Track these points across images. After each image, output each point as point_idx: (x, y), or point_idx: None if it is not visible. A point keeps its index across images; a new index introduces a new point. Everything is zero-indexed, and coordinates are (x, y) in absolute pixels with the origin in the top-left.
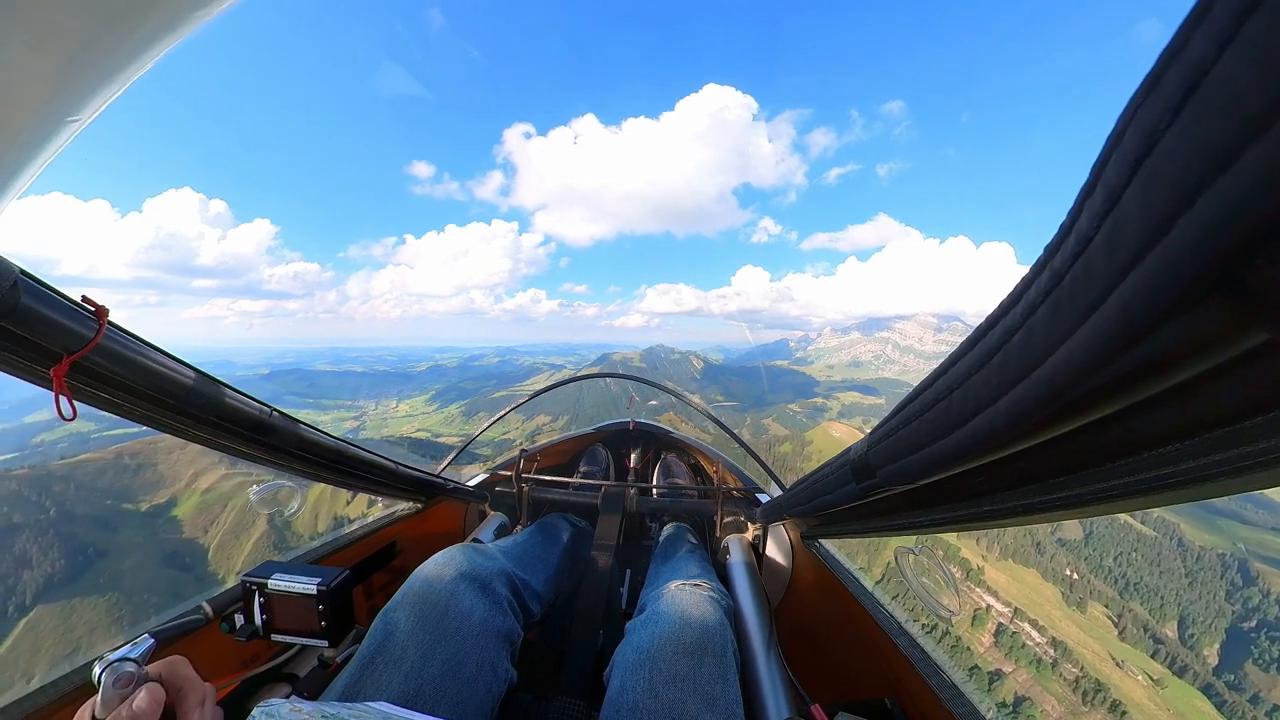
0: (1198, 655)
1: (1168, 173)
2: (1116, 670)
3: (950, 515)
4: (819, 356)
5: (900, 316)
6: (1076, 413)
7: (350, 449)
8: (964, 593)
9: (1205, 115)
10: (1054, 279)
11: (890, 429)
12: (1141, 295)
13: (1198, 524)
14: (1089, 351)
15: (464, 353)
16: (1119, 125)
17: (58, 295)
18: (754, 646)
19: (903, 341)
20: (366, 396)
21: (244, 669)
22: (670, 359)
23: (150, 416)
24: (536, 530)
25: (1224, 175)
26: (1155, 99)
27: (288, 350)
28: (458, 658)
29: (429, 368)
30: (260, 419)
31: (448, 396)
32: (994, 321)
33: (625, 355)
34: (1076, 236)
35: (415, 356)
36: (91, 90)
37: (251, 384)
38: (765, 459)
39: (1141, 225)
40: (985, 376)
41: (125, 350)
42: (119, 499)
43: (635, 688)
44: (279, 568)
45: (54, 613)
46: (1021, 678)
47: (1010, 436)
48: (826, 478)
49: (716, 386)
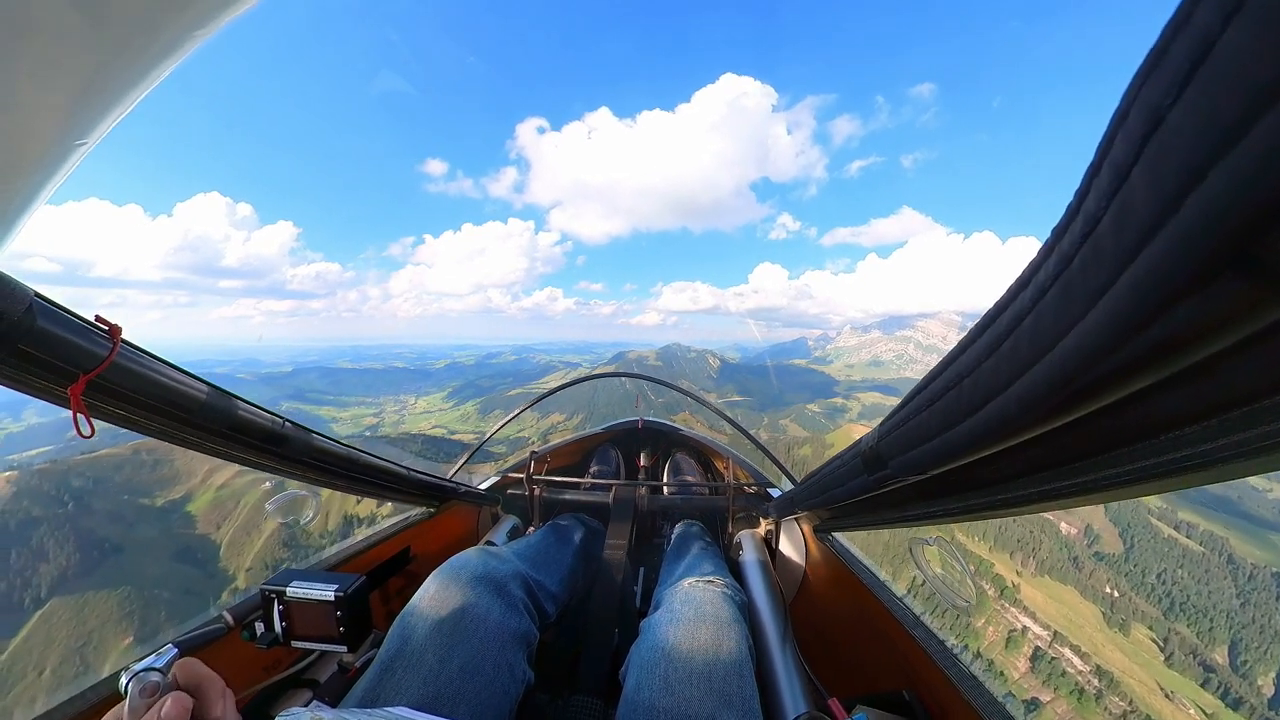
0: (1251, 685)
1: (1176, 149)
2: (1167, 704)
3: (964, 504)
4: (838, 356)
5: (923, 314)
6: (1090, 397)
7: (362, 456)
8: (997, 611)
9: (1212, 89)
10: (1062, 262)
11: (901, 419)
12: (1153, 275)
13: (1248, 538)
14: (1101, 334)
15: (481, 350)
16: (1124, 102)
17: (72, 316)
18: (769, 642)
19: (925, 340)
20: (385, 393)
21: (265, 675)
22: (686, 357)
23: (166, 431)
24: (549, 531)
25: (1234, 149)
26: (1160, 74)
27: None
28: (475, 660)
29: (446, 365)
30: (273, 430)
31: (464, 394)
32: (1003, 307)
33: (641, 354)
34: (1084, 217)
35: (433, 354)
36: (100, 114)
37: (277, 381)
38: (783, 461)
39: (1151, 203)
40: (995, 363)
41: (139, 367)
42: (135, 494)
43: (651, 686)
44: (296, 575)
45: (68, 605)
46: (1061, 708)
47: (1023, 423)
48: (838, 470)
49: (733, 385)
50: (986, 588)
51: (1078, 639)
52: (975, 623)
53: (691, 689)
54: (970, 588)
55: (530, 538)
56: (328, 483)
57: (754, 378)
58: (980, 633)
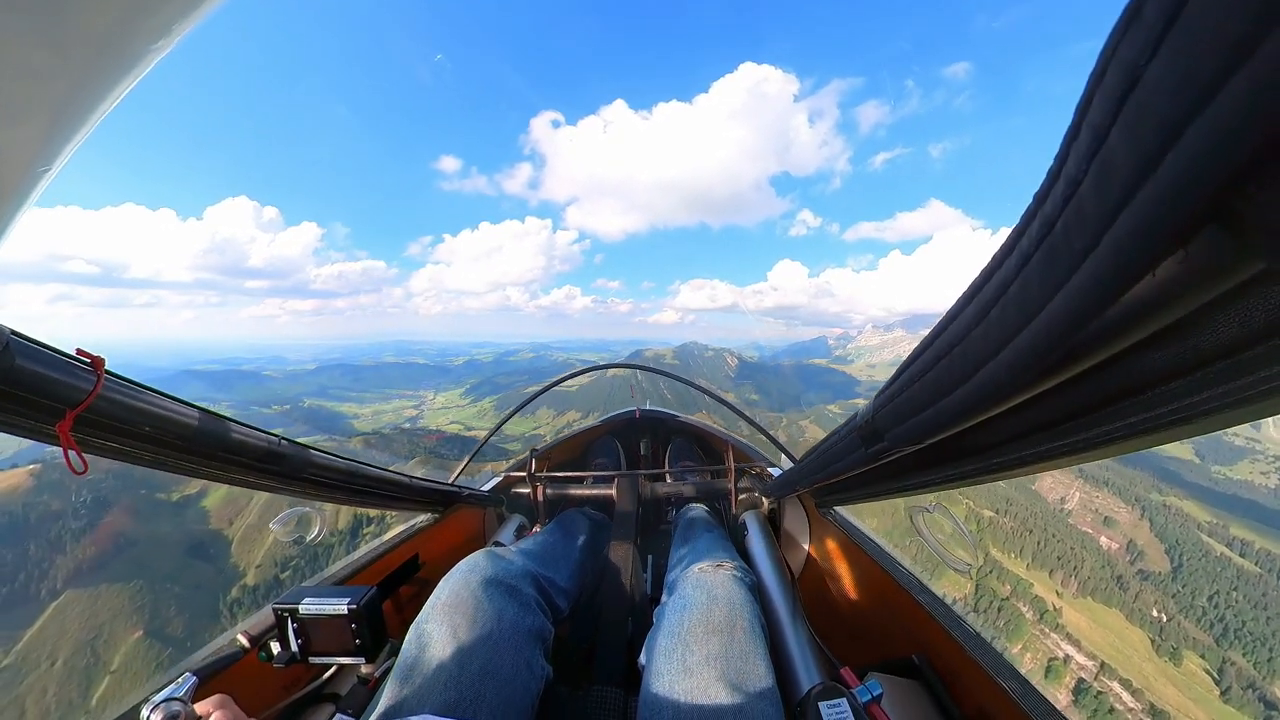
0: None
1: (1153, 107)
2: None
3: (960, 471)
4: (860, 355)
5: None
6: (1077, 358)
7: (362, 468)
8: (1036, 636)
9: (1187, 45)
10: (1045, 226)
11: (894, 392)
12: (1135, 235)
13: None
14: (1086, 296)
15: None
16: (1100, 62)
17: (52, 352)
18: (780, 618)
19: None
20: (404, 387)
21: (285, 694)
22: (704, 356)
23: (159, 459)
24: (555, 527)
25: (1210, 104)
26: (1135, 32)
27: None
28: (493, 660)
29: (465, 362)
30: (269, 449)
31: (481, 390)
32: (989, 275)
33: (658, 352)
34: (1065, 181)
35: (452, 351)
36: (66, 140)
37: (301, 378)
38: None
39: (1130, 163)
40: (984, 331)
41: (126, 398)
42: (152, 488)
43: (669, 670)
44: (308, 593)
45: (81, 598)
46: None
47: (1013, 388)
48: (835, 446)
49: (751, 384)
50: (1024, 610)
51: (1126, 670)
52: (1011, 647)
53: (709, 670)
54: (969, 552)
55: (537, 536)
56: (329, 497)
57: (773, 377)
58: (1016, 660)
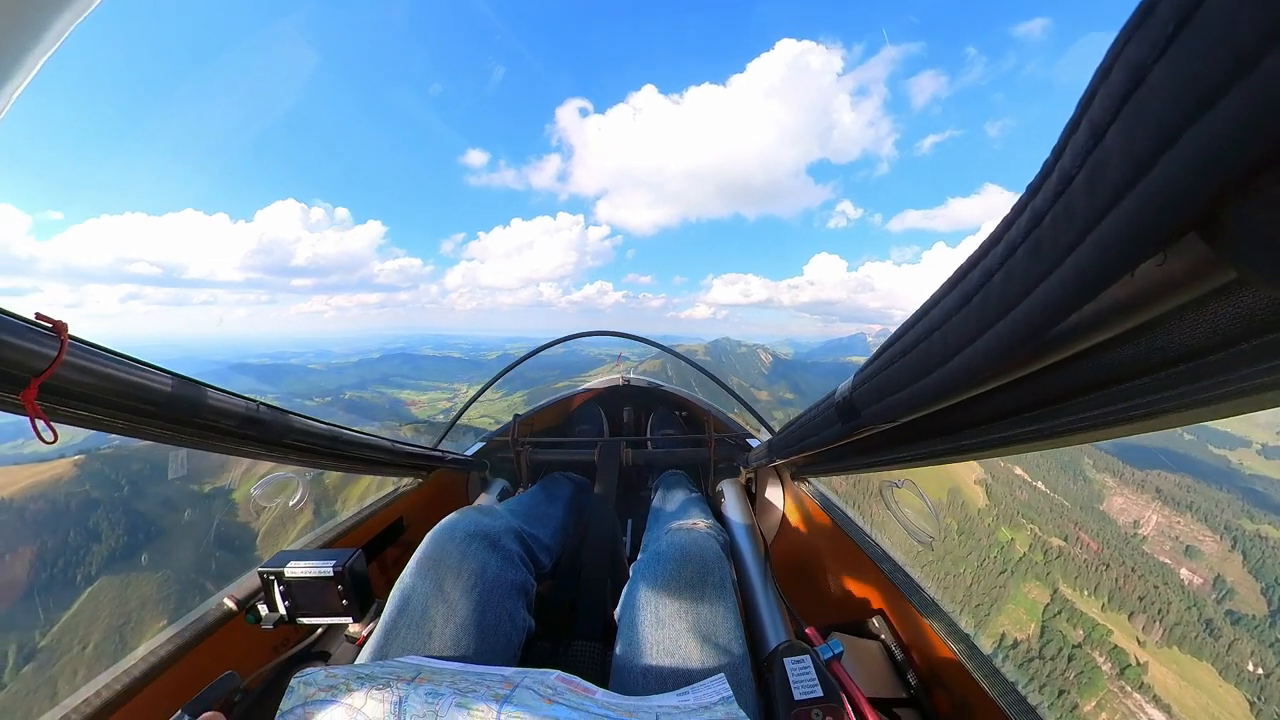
0: None
1: (1153, 109)
2: None
3: (931, 449)
4: None
5: None
6: (1051, 350)
7: (345, 433)
8: (1113, 694)
9: (1196, 49)
10: (1034, 220)
11: (873, 371)
12: (1119, 237)
13: None
14: (1066, 292)
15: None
16: (1107, 59)
17: (10, 316)
18: (751, 579)
19: None
20: (439, 380)
21: (275, 654)
22: (736, 353)
23: (133, 427)
24: (539, 489)
25: (1209, 112)
26: (1146, 31)
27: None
28: (477, 612)
29: (498, 356)
30: (247, 414)
31: (513, 384)
32: (974, 263)
33: (690, 347)
34: (1059, 175)
35: (486, 345)
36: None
37: (345, 371)
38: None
39: (1123, 164)
40: (965, 317)
41: (93, 364)
42: (186, 479)
43: (644, 623)
44: (292, 556)
45: (114, 585)
46: None
47: (988, 375)
48: (813, 420)
49: (785, 383)
50: (1100, 660)
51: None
52: (1084, 704)
53: (681, 623)
54: (933, 524)
55: (520, 496)
56: (312, 462)
57: (808, 375)
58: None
